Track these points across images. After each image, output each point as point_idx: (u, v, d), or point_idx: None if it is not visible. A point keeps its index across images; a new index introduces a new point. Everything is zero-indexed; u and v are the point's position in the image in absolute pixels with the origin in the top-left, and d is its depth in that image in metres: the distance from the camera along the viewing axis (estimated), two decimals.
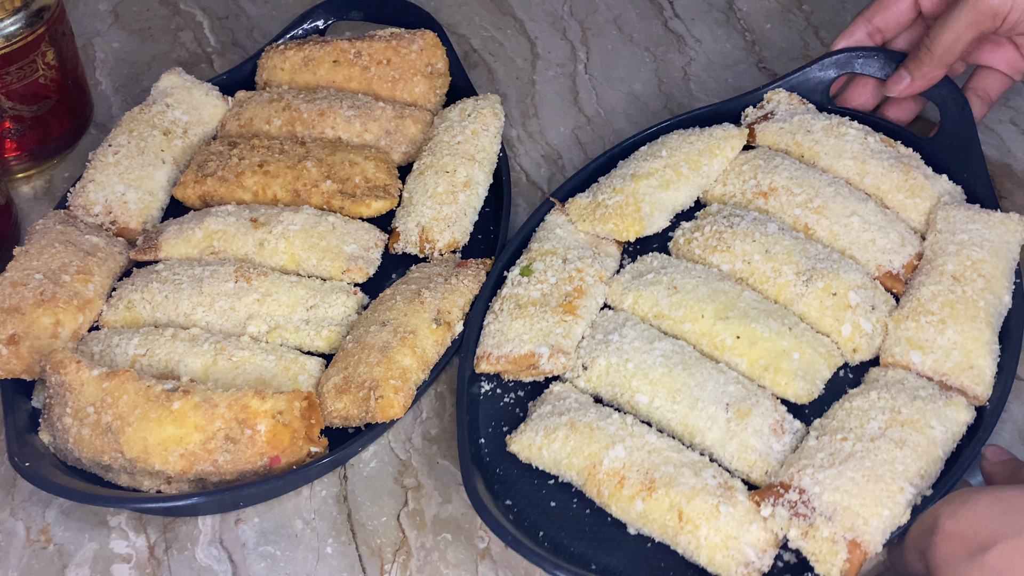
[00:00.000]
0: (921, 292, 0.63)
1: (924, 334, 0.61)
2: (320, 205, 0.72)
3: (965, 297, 0.62)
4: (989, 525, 0.48)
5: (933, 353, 0.61)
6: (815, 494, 0.54)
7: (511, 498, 0.59)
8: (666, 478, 0.56)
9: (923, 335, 0.61)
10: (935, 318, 0.62)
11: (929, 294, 0.63)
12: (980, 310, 0.62)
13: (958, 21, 0.68)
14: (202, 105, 0.77)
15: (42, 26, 0.73)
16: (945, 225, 0.66)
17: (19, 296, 0.64)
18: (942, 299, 0.62)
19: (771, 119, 0.74)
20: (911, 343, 0.61)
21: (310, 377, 0.63)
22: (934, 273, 0.64)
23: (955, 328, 0.61)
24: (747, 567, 0.54)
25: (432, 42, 0.79)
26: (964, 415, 0.59)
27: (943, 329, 0.61)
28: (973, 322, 0.61)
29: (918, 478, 0.55)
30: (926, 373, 0.61)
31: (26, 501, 0.62)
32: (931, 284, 0.63)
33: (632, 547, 0.57)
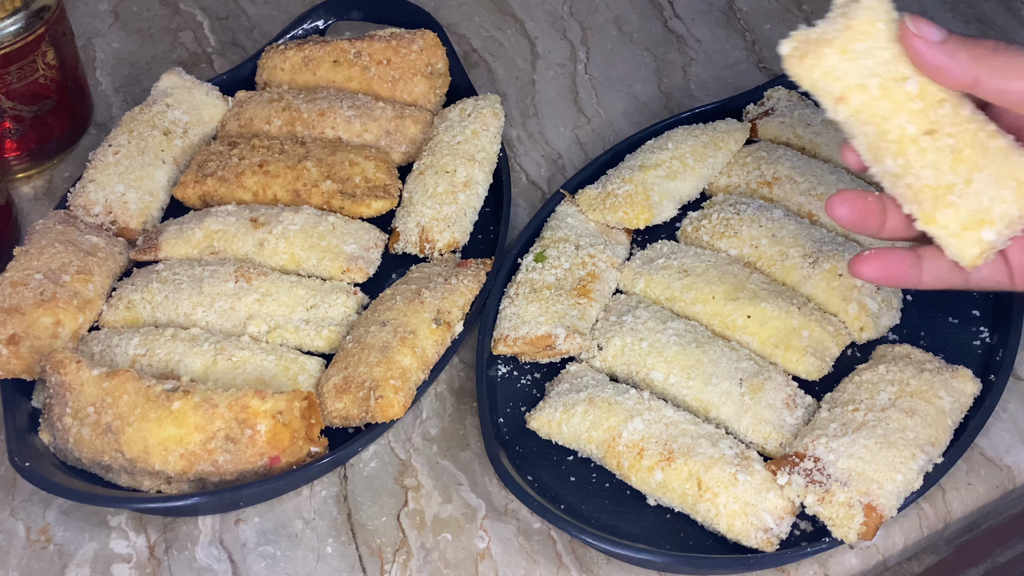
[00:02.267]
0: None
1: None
2: (320, 205, 0.72)
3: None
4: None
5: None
6: (830, 461, 0.55)
7: (531, 474, 0.60)
8: (684, 449, 0.57)
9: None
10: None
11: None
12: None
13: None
14: (202, 105, 0.77)
15: (42, 26, 0.73)
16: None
17: (19, 296, 0.64)
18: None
19: (772, 115, 0.75)
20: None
21: (310, 377, 0.63)
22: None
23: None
24: (766, 533, 0.55)
25: (432, 42, 0.79)
26: (970, 387, 0.60)
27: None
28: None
29: (929, 445, 0.57)
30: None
31: (26, 501, 0.62)
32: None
33: (652, 517, 0.58)
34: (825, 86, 0.49)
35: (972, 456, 0.61)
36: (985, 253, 0.50)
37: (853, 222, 0.52)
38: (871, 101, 0.49)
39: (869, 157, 0.50)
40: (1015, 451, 0.62)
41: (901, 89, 0.48)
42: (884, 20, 0.48)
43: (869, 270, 0.53)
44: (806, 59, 0.49)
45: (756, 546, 0.55)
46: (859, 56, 0.48)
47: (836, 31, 0.48)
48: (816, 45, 0.49)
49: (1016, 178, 0.49)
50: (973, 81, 0.48)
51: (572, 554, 0.58)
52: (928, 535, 0.60)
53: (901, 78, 0.48)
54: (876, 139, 0.49)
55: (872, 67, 0.48)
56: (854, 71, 0.48)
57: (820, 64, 0.49)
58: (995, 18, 0.89)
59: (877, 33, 0.48)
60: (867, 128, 0.49)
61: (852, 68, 0.48)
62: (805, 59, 0.49)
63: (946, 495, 0.60)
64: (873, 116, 0.49)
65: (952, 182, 0.49)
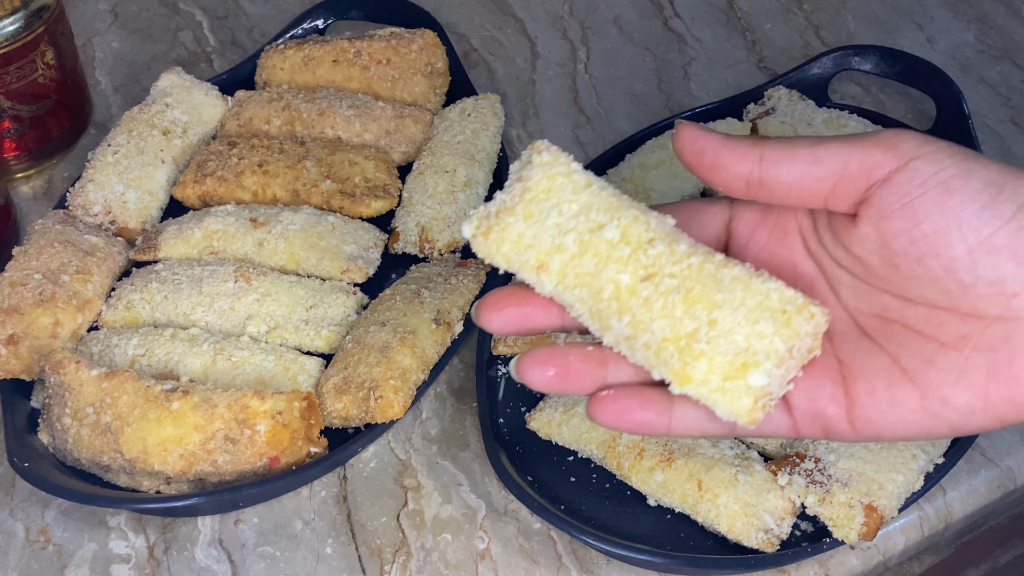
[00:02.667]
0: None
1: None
2: (320, 205, 0.72)
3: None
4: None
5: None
6: (830, 462, 0.55)
7: (531, 474, 0.60)
8: (684, 449, 0.57)
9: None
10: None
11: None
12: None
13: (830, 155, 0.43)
14: (201, 105, 0.77)
15: (41, 25, 0.73)
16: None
17: (18, 296, 0.64)
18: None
19: (773, 114, 0.75)
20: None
21: (310, 377, 0.63)
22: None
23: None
24: (767, 533, 0.55)
25: (432, 41, 0.79)
26: None
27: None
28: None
29: (930, 445, 0.57)
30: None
31: (25, 501, 0.61)
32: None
33: (652, 518, 0.58)
34: (519, 257, 0.44)
35: (973, 456, 0.61)
36: (762, 403, 0.42)
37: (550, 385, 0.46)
38: (572, 260, 0.43)
39: (596, 326, 0.44)
40: (1016, 451, 0.62)
41: (601, 238, 0.43)
42: (563, 173, 0.44)
43: (605, 415, 0.45)
44: (491, 234, 0.44)
45: (756, 547, 0.55)
46: (545, 216, 0.44)
47: (515, 197, 0.44)
48: (498, 217, 0.44)
49: (767, 307, 0.42)
50: (759, 157, 0.43)
51: (572, 555, 0.58)
52: (929, 535, 0.60)
53: (597, 227, 0.43)
54: (593, 302, 0.44)
55: (563, 224, 0.43)
56: (545, 234, 0.44)
57: (507, 235, 0.44)
58: (995, 18, 0.89)
59: (559, 188, 0.44)
60: (579, 292, 0.44)
61: (541, 231, 0.44)
62: (490, 235, 0.44)
63: (947, 495, 0.60)
64: (581, 277, 0.44)
65: (693, 328, 0.42)
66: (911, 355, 0.43)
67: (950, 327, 0.42)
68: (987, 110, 0.81)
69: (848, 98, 0.81)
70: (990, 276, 0.40)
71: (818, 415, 0.45)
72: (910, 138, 0.42)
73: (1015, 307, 0.41)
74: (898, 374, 0.43)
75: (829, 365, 0.45)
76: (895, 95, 0.81)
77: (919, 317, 0.43)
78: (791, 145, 0.43)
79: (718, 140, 0.44)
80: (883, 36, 0.88)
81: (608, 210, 0.44)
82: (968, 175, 0.41)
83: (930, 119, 0.77)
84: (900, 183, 0.41)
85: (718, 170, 0.44)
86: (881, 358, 0.44)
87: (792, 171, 0.43)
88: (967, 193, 0.40)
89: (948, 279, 0.41)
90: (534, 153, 0.44)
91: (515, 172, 0.45)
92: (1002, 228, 0.40)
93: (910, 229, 0.41)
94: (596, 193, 0.44)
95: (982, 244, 0.40)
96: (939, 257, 0.41)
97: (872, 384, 0.44)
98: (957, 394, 0.42)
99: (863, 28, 0.89)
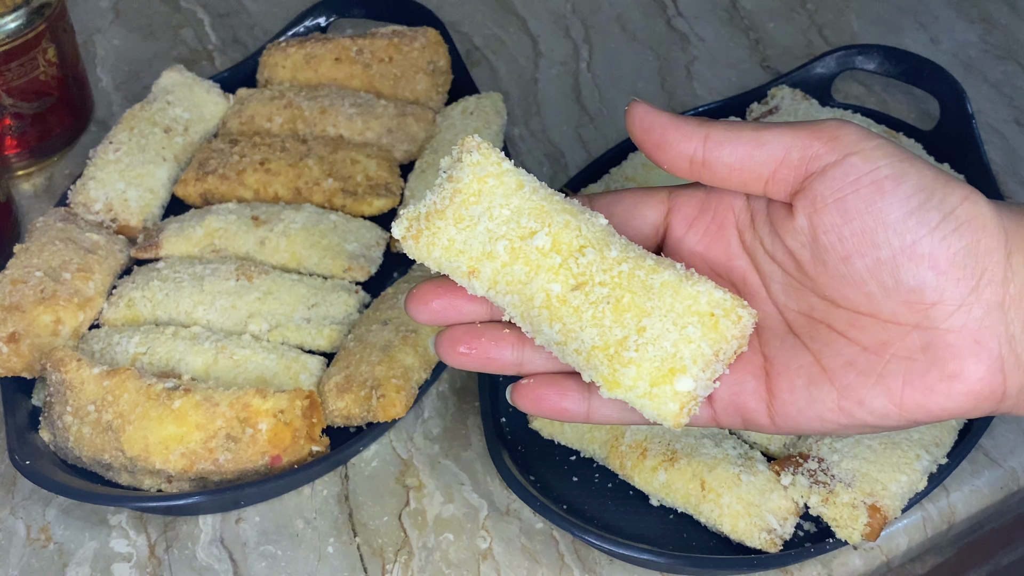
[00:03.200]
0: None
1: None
2: (322, 203, 0.71)
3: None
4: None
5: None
6: (834, 462, 0.55)
7: (534, 474, 0.60)
8: (687, 449, 0.57)
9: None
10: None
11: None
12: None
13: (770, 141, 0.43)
14: (203, 103, 0.77)
15: (43, 23, 0.73)
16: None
17: (19, 294, 0.64)
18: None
19: (775, 113, 0.75)
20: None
21: (311, 376, 0.63)
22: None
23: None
24: (770, 533, 0.55)
25: (434, 40, 0.79)
26: None
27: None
28: None
29: (933, 446, 0.57)
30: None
31: (26, 500, 0.61)
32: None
33: (655, 518, 0.58)
34: (451, 263, 0.44)
35: (976, 457, 0.61)
36: (687, 407, 0.43)
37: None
38: (504, 268, 0.43)
39: (527, 329, 0.45)
40: (1019, 452, 0.62)
41: (531, 246, 0.43)
42: (494, 175, 0.44)
43: (524, 401, 0.47)
44: (421, 238, 0.44)
45: (759, 547, 0.55)
46: (476, 221, 0.43)
47: (445, 200, 0.43)
48: (428, 220, 0.44)
49: (696, 312, 0.43)
50: (703, 137, 0.43)
51: (575, 554, 0.58)
52: (932, 536, 0.60)
53: (529, 234, 0.43)
54: (524, 308, 0.44)
55: (494, 229, 0.43)
56: (476, 239, 0.43)
57: (437, 240, 0.44)
58: (999, 18, 0.89)
59: (489, 191, 0.43)
60: (511, 298, 0.44)
61: (472, 236, 0.43)
62: (420, 238, 0.44)
63: (950, 496, 0.60)
64: (512, 284, 0.44)
65: (622, 336, 0.43)
66: (833, 355, 0.44)
67: (872, 332, 0.43)
68: (991, 110, 0.81)
69: (852, 98, 0.81)
70: (911, 283, 0.41)
71: (739, 408, 0.46)
72: (851, 131, 0.42)
73: (933, 317, 0.41)
74: (819, 373, 0.44)
75: (754, 360, 0.46)
76: (898, 95, 0.81)
77: (842, 320, 0.43)
78: (736, 128, 0.43)
79: (667, 119, 0.44)
80: (887, 36, 0.87)
81: (539, 216, 0.44)
82: (900, 177, 0.41)
83: (934, 119, 0.77)
84: (835, 177, 0.42)
85: (664, 148, 0.44)
86: (804, 356, 0.44)
87: (735, 153, 0.43)
88: (896, 196, 0.41)
89: (872, 281, 0.42)
90: (464, 152, 0.44)
91: (445, 168, 0.44)
92: (926, 236, 0.40)
93: (840, 226, 0.42)
94: (527, 197, 0.44)
95: (905, 250, 0.41)
96: (864, 258, 0.41)
97: (793, 380, 0.44)
98: (873, 398, 0.43)
99: (866, 27, 0.88)
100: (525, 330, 0.45)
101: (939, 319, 0.41)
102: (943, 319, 0.41)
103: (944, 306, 0.41)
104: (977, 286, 0.41)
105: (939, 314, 0.41)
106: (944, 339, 0.41)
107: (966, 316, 0.41)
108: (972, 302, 0.41)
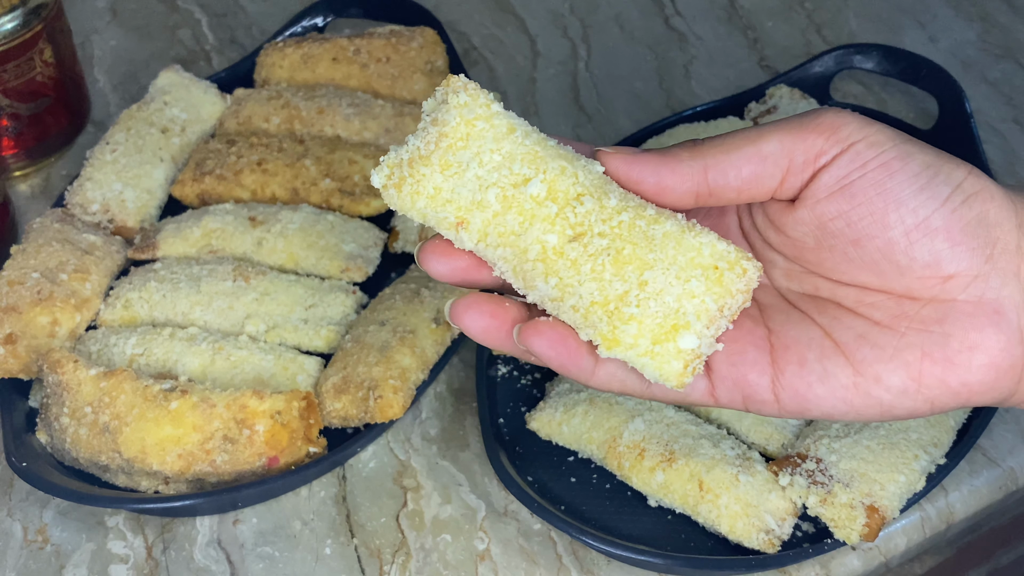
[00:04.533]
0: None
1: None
2: (319, 203, 0.71)
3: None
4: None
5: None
6: (832, 462, 0.55)
7: (532, 475, 0.60)
8: (685, 449, 0.57)
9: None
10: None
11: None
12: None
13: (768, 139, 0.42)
14: (200, 103, 0.77)
15: (40, 23, 0.72)
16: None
17: (16, 295, 0.64)
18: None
19: (774, 112, 0.75)
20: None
21: (309, 377, 0.62)
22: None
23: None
24: (768, 534, 0.55)
25: (432, 39, 0.79)
26: None
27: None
28: None
29: (932, 446, 0.57)
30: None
31: (23, 501, 0.61)
32: None
33: (653, 519, 0.58)
34: (437, 213, 0.41)
35: (975, 457, 0.61)
36: (692, 366, 0.40)
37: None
38: (495, 219, 0.40)
39: (521, 284, 0.41)
40: (1018, 452, 0.62)
41: (525, 195, 0.40)
42: (483, 117, 0.40)
43: (539, 340, 0.42)
44: (404, 187, 0.40)
45: (758, 547, 0.55)
46: (464, 168, 0.40)
47: (430, 144, 0.40)
48: (412, 167, 0.40)
49: (699, 264, 0.40)
50: (703, 169, 0.41)
51: (573, 555, 0.58)
52: (930, 536, 0.60)
53: (522, 181, 0.40)
54: (518, 262, 0.41)
55: (484, 177, 0.40)
56: (464, 187, 0.40)
57: (422, 189, 0.40)
58: (998, 16, 0.88)
59: (478, 135, 0.40)
60: (503, 252, 0.41)
61: (460, 184, 0.40)
62: (403, 187, 0.40)
63: (948, 496, 0.60)
64: (504, 236, 0.40)
65: (622, 290, 0.40)
66: (844, 329, 0.42)
67: (884, 307, 0.42)
68: (989, 109, 0.81)
69: (850, 97, 0.81)
70: (926, 258, 0.40)
71: (739, 382, 0.43)
72: (850, 120, 0.41)
73: (949, 288, 0.40)
74: (831, 346, 0.42)
75: (756, 331, 0.43)
76: (897, 94, 0.81)
77: (851, 297, 0.42)
78: (732, 145, 0.41)
79: (655, 163, 0.41)
80: (885, 34, 0.87)
81: (533, 161, 0.41)
82: (907, 157, 0.40)
83: (932, 118, 0.77)
84: (840, 165, 0.41)
85: (664, 193, 0.41)
86: (813, 330, 0.43)
87: (740, 175, 0.41)
88: (906, 175, 0.40)
89: (884, 261, 0.41)
90: (450, 92, 0.40)
91: (428, 111, 0.41)
92: (939, 209, 0.40)
93: (847, 211, 0.41)
94: (519, 141, 0.41)
95: (919, 226, 0.40)
96: (876, 239, 0.41)
97: (803, 353, 0.42)
98: (891, 372, 0.41)
99: (865, 26, 0.88)
100: (517, 286, 0.42)
101: (956, 290, 0.40)
102: (960, 290, 0.40)
103: (961, 277, 0.40)
104: (992, 255, 0.40)
105: (955, 286, 0.40)
106: (962, 309, 0.40)
107: (983, 286, 0.40)
108: (988, 271, 0.40)
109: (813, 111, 0.42)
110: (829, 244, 0.42)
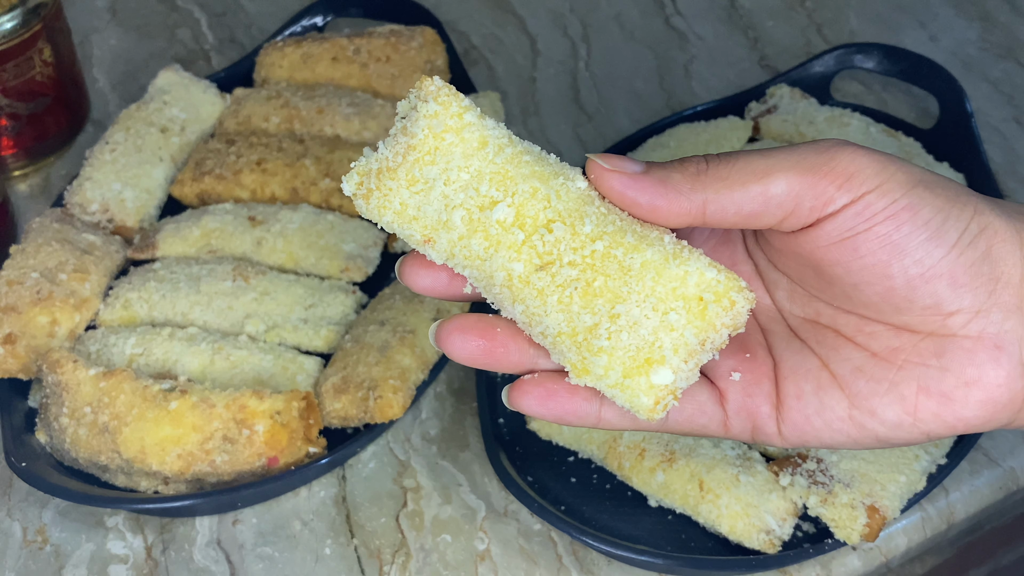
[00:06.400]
0: None
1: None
2: (319, 203, 0.71)
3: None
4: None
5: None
6: (832, 463, 0.55)
7: (532, 475, 0.60)
8: (686, 449, 0.57)
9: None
10: None
11: None
12: None
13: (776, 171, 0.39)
14: (200, 102, 0.77)
15: (39, 23, 0.72)
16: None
17: (15, 295, 0.64)
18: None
19: (774, 112, 0.75)
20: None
21: (308, 377, 0.62)
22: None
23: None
24: (768, 534, 0.55)
25: (432, 39, 0.79)
26: None
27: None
28: None
29: (932, 446, 0.57)
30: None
31: (23, 501, 0.61)
32: None
33: (653, 519, 0.58)
34: (403, 229, 0.39)
35: (975, 457, 0.61)
36: (663, 402, 0.38)
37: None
38: (460, 240, 0.38)
39: (493, 303, 0.40)
40: (1018, 452, 0.61)
41: (491, 219, 0.38)
42: (453, 130, 0.38)
43: (528, 400, 0.41)
44: (371, 199, 0.38)
45: (758, 548, 0.55)
46: (431, 185, 0.38)
47: (398, 156, 0.38)
48: (379, 179, 0.38)
49: (681, 296, 0.38)
50: (702, 203, 0.39)
51: (573, 556, 0.58)
52: (931, 536, 0.60)
53: (489, 204, 0.38)
54: (485, 284, 0.39)
55: (451, 196, 0.38)
56: (430, 206, 0.38)
57: (389, 203, 0.38)
58: (999, 16, 0.88)
59: (447, 149, 0.38)
60: (471, 272, 0.39)
61: (426, 203, 0.38)
62: (371, 199, 0.38)
63: (949, 496, 0.60)
64: (470, 259, 0.38)
65: (591, 323, 0.38)
66: (841, 361, 0.42)
67: (882, 338, 0.41)
68: (990, 108, 0.80)
69: (851, 96, 0.81)
70: (927, 301, 0.39)
71: (752, 413, 0.42)
72: (865, 165, 0.39)
73: (950, 324, 0.40)
74: (827, 378, 0.42)
75: (768, 361, 0.43)
76: (898, 93, 0.81)
77: (851, 325, 0.42)
78: (738, 181, 0.39)
79: (651, 192, 0.39)
80: (885, 34, 0.87)
81: (502, 182, 0.38)
82: (917, 206, 0.39)
83: (933, 117, 0.77)
84: (847, 217, 0.39)
85: (657, 215, 0.39)
86: (811, 360, 0.42)
87: (740, 211, 0.39)
88: (914, 225, 0.39)
89: (883, 304, 0.40)
90: (420, 101, 0.38)
91: (402, 114, 0.39)
92: (944, 257, 0.39)
93: (848, 262, 0.40)
94: (490, 159, 0.38)
95: (923, 275, 0.39)
96: (875, 286, 0.40)
97: (800, 386, 0.42)
98: (886, 407, 0.41)
99: (865, 26, 0.88)
100: (490, 303, 0.40)
101: (956, 326, 0.40)
102: (960, 326, 0.40)
103: (962, 314, 0.40)
104: (995, 290, 0.40)
105: (956, 322, 0.40)
106: (961, 345, 0.40)
107: (984, 321, 0.39)
108: (990, 307, 0.39)
109: (830, 148, 0.39)
110: (828, 281, 0.41)
